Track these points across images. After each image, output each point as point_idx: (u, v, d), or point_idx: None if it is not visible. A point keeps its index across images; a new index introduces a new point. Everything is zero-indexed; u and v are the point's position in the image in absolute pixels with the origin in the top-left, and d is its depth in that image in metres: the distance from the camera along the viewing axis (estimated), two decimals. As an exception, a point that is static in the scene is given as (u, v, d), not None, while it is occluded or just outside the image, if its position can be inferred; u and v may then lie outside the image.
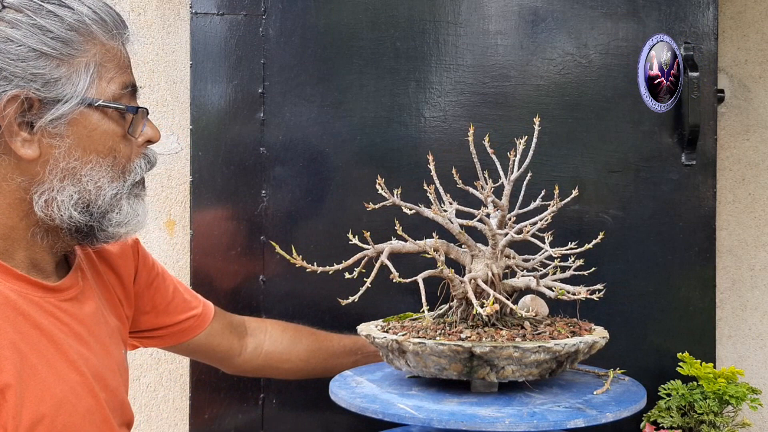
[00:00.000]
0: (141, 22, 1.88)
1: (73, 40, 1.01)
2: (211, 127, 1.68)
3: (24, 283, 1.02)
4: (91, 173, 1.03)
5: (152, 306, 1.31)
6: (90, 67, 1.02)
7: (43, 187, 1.01)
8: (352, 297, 1.15)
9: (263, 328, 1.49)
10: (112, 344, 1.15)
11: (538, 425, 1.06)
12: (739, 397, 1.50)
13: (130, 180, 1.07)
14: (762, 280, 1.91)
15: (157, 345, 1.37)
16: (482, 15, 1.68)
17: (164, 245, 1.88)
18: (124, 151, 1.07)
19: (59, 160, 1.01)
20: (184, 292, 1.38)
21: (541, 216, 1.27)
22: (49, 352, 1.00)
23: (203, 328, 1.38)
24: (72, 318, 1.06)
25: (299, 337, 1.50)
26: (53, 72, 0.99)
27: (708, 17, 1.68)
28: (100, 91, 1.03)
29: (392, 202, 1.24)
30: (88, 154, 1.03)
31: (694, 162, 1.68)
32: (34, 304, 1.01)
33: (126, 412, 1.15)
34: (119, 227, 1.07)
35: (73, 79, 1.01)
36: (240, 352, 1.45)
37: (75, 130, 1.01)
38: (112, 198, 1.05)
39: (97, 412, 1.05)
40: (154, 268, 1.32)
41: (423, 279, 1.17)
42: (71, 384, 1.02)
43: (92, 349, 1.08)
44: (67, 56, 1.00)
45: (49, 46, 0.99)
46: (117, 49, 1.05)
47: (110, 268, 1.22)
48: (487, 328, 1.20)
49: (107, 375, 1.10)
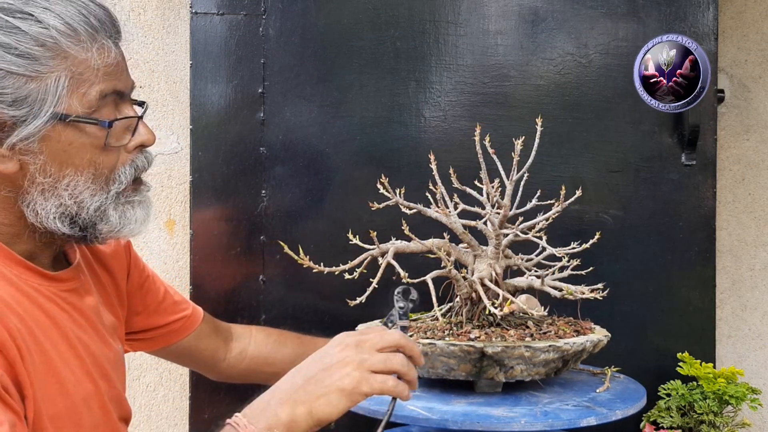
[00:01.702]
0: (141, 22, 1.88)
1: (40, 56, 0.95)
2: (211, 127, 1.68)
3: (24, 268, 1.02)
4: (70, 188, 1.00)
5: (143, 307, 1.31)
6: (60, 81, 0.97)
7: (28, 199, 1.00)
8: (359, 298, 1.16)
9: (248, 333, 1.49)
10: (112, 339, 1.14)
11: (553, 424, 1.07)
12: (739, 397, 1.50)
13: (113, 190, 1.04)
14: (762, 280, 1.91)
15: (147, 348, 1.37)
16: (482, 15, 1.68)
17: (164, 245, 1.88)
18: (106, 162, 1.03)
19: (36, 175, 0.98)
20: (174, 294, 1.39)
21: (545, 216, 1.27)
22: (52, 332, 1.00)
23: (192, 329, 1.38)
24: (72, 307, 1.06)
25: (283, 341, 1.50)
26: (21, 90, 0.95)
27: (708, 17, 1.68)
28: (73, 105, 0.98)
29: (395, 202, 1.24)
30: (64, 168, 0.99)
31: (694, 162, 1.68)
32: (35, 290, 1.01)
33: (124, 407, 1.15)
34: (111, 233, 1.05)
35: (42, 96, 0.96)
36: (225, 356, 1.45)
37: (49, 146, 0.98)
38: (96, 210, 1.02)
39: (95, 398, 1.05)
40: (144, 269, 1.33)
41: (420, 280, 1.17)
42: (72, 367, 1.02)
43: (92, 337, 1.08)
44: (34, 72, 0.95)
45: (15, 64, 0.94)
46: (93, 54, 0.99)
47: (104, 268, 1.22)
48: (494, 328, 1.20)
49: (106, 365, 1.09)
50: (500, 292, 1.16)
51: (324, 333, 1.66)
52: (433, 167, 1.25)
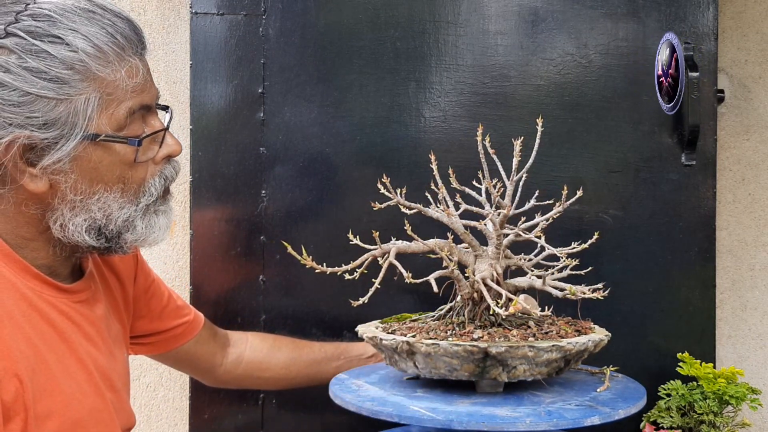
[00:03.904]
0: (141, 22, 1.88)
1: (69, 79, 0.96)
2: (211, 127, 1.68)
3: (39, 281, 1.03)
4: (100, 203, 1.02)
5: (147, 311, 1.32)
6: (90, 102, 0.97)
7: (56, 215, 1.01)
8: (362, 298, 1.16)
9: (244, 339, 1.50)
10: (117, 348, 1.16)
11: (558, 424, 1.07)
12: (739, 398, 1.50)
13: (143, 202, 1.05)
14: (762, 280, 1.91)
15: (147, 352, 1.38)
16: (482, 15, 1.68)
17: (164, 245, 1.88)
18: (136, 176, 1.04)
19: (66, 193, 1.00)
20: (177, 299, 1.39)
21: (546, 216, 1.27)
22: (60, 348, 1.01)
23: (193, 335, 1.39)
24: (83, 318, 1.07)
25: (279, 346, 1.50)
26: (50, 113, 0.96)
27: (708, 17, 1.68)
28: (102, 125, 0.99)
29: (396, 202, 1.24)
30: (95, 185, 1.01)
31: (694, 162, 1.68)
32: (48, 303, 1.02)
33: (129, 416, 1.15)
34: (136, 242, 1.07)
35: (73, 119, 0.97)
36: (222, 361, 1.45)
37: (80, 165, 0.99)
38: (124, 222, 1.04)
39: (103, 411, 1.05)
40: (150, 274, 1.33)
41: (423, 280, 1.17)
42: (79, 381, 1.02)
43: (100, 350, 1.09)
44: (64, 95, 0.96)
45: (45, 88, 0.95)
46: (122, 75, 1.00)
47: (113, 272, 1.23)
48: (496, 328, 1.20)
49: (113, 376, 1.10)
50: (503, 292, 1.16)
51: (324, 333, 1.67)
52: (434, 167, 1.25)
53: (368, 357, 1.49)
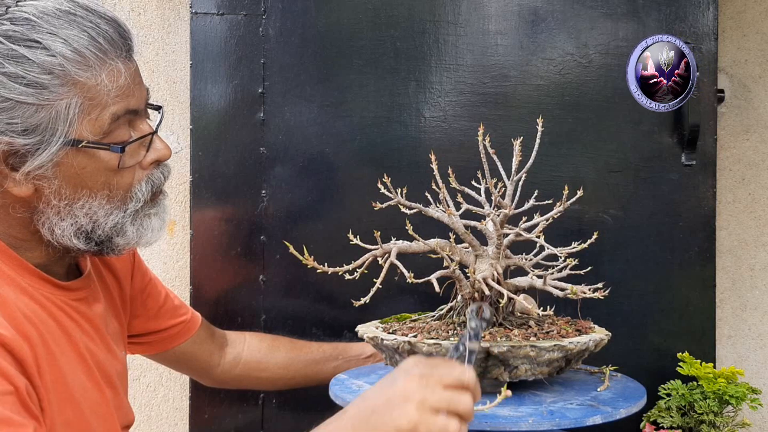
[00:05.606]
0: (141, 22, 1.88)
1: (48, 84, 0.93)
2: (211, 127, 1.68)
3: (38, 278, 1.02)
4: (85, 209, 1.00)
5: (144, 310, 1.32)
6: (71, 108, 0.95)
7: (43, 218, 1.00)
8: (363, 298, 1.16)
9: (242, 339, 1.49)
10: (115, 346, 1.15)
11: (561, 423, 1.08)
12: (739, 397, 1.50)
13: (131, 207, 1.04)
14: (762, 280, 1.92)
15: (144, 351, 1.37)
16: (482, 15, 1.68)
17: (164, 245, 1.87)
18: (122, 182, 1.02)
19: (50, 198, 0.98)
20: (174, 298, 1.39)
21: (546, 216, 1.27)
22: (62, 342, 1.01)
23: (190, 334, 1.39)
24: (82, 316, 1.07)
25: (277, 346, 1.50)
26: (31, 119, 0.93)
27: (708, 17, 1.68)
28: (85, 131, 0.96)
29: (396, 202, 1.24)
30: (79, 191, 0.99)
31: (694, 162, 1.68)
32: (47, 299, 1.02)
33: (127, 413, 1.15)
34: (128, 245, 1.06)
35: (53, 124, 0.94)
36: (219, 362, 1.45)
37: (63, 171, 0.97)
38: (113, 227, 1.02)
39: (102, 406, 1.05)
40: (147, 272, 1.33)
41: (424, 280, 1.17)
42: (79, 376, 1.02)
43: (99, 347, 1.09)
44: (44, 101, 0.93)
45: (24, 94, 0.92)
46: (103, 79, 0.97)
47: (110, 271, 1.23)
48: (497, 328, 1.20)
49: (112, 373, 1.10)
50: (505, 291, 1.16)
51: (324, 333, 1.67)
52: (434, 167, 1.25)
53: (366, 357, 1.50)
